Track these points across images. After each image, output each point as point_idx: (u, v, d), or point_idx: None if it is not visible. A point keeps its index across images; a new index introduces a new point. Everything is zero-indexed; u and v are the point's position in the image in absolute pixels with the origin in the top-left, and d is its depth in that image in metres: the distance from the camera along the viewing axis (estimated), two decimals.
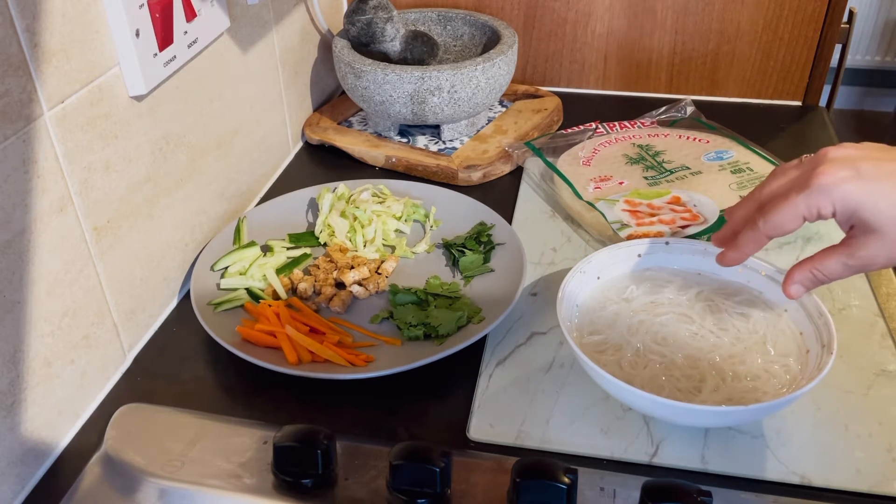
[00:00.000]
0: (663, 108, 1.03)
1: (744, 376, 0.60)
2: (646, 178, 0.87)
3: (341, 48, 0.97)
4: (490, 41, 1.04)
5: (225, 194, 0.85)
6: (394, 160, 0.97)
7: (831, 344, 0.58)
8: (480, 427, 0.62)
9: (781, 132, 1.04)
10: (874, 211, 0.53)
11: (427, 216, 0.85)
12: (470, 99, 0.94)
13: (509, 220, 0.87)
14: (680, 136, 0.95)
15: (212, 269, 0.76)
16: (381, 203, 0.84)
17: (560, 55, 1.15)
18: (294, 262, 0.79)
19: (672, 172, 0.88)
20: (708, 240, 0.74)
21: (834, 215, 0.55)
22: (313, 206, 0.87)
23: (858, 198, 0.53)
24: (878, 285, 0.75)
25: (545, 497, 0.50)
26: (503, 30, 1.00)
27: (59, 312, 0.60)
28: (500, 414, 0.63)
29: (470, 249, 0.78)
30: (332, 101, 1.11)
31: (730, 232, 0.64)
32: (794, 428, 0.60)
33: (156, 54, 0.66)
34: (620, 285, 0.69)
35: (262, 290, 0.75)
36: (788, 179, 0.58)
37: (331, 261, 0.78)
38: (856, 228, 0.55)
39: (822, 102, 1.12)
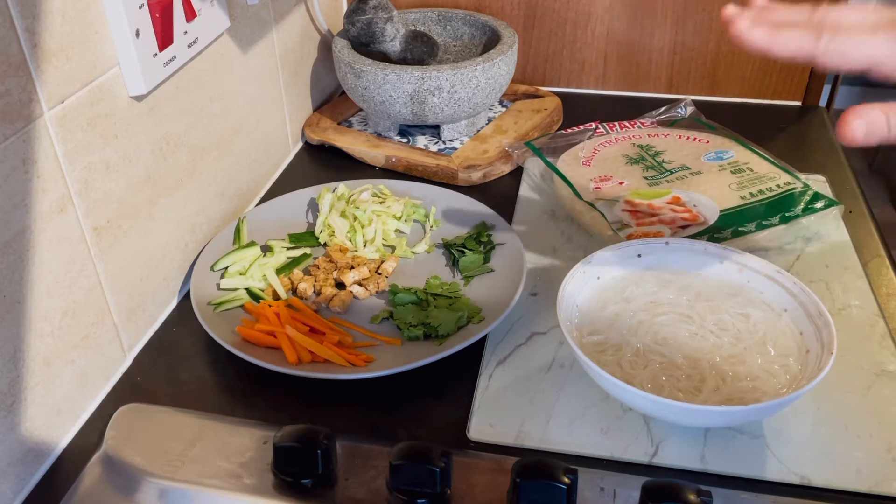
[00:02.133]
0: (663, 108, 1.03)
1: (744, 376, 0.60)
2: (646, 178, 0.87)
3: (341, 48, 0.97)
4: (490, 41, 1.04)
5: (225, 194, 0.85)
6: (394, 160, 0.97)
7: (831, 344, 0.58)
8: (480, 427, 0.62)
9: (781, 132, 1.04)
10: None
11: (427, 216, 0.85)
12: (470, 99, 0.94)
13: (509, 220, 0.87)
14: (680, 136, 0.95)
15: (212, 269, 0.76)
16: (381, 203, 0.84)
17: (560, 55, 1.15)
18: (294, 262, 0.79)
19: (672, 172, 0.88)
20: (708, 239, 0.74)
21: None
22: (313, 206, 0.87)
23: None
24: (878, 285, 0.75)
25: (545, 497, 0.50)
26: (503, 30, 1.00)
27: (59, 312, 0.60)
28: (500, 414, 0.63)
29: (470, 249, 0.78)
30: (332, 101, 1.11)
31: (762, 17, 0.49)
32: (794, 428, 0.60)
33: (156, 54, 0.66)
34: (620, 285, 0.69)
35: (262, 290, 0.75)
36: (879, 14, 0.46)
37: (331, 261, 0.78)
38: None
39: (822, 102, 1.12)
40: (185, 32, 0.71)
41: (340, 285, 0.76)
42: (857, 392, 0.63)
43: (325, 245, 0.82)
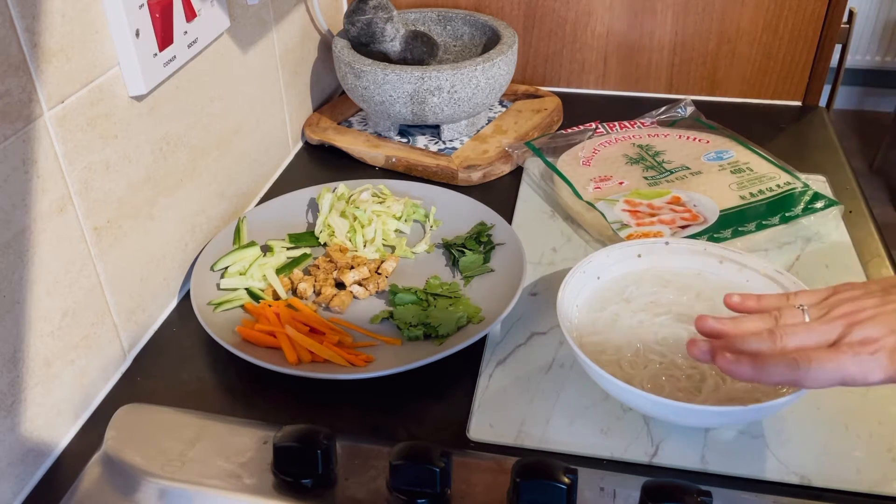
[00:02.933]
0: (663, 108, 1.03)
1: None
2: (646, 178, 0.87)
3: (341, 48, 0.97)
4: (490, 41, 1.04)
5: (225, 194, 0.85)
6: (394, 160, 0.97)
7: None
8: (480, 427, 0.62)
9: (781, 132, 1.04)
10: None
11: (427, 216, 0.85)
12: (470, 99, 0.94)
13: (509, 220, 0.87)
14: (680, 136, 0.95)
15: (212, 269, 0.76)
16: (381, 203, 0.84)
17: (560, 55, 1.15)
18: (294, 262, 0.79)
19: (672, 172, 0.88)
20: (708, 239, 0.74)
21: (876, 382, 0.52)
22: (313, 206, 0.87)
23: None
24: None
25: (545, 497, 0.50)
26: (503, 30, 1.00)
27: (59, 312, 0.60)
28: (500, 414, 0.63)
29: (470, 249, 0.78)
30: (332, 101, 1.11)
31: (736, 344, 0.54)
32: (794, 428, 0.60)
33: (156, 54, 0.66)
34: (620, 285, 0.69)
35: (262, 290, 0.75)
36: (825, 334, 0.53)
37: (331, 261, 0.78)
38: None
39: (822, 102, 1.12)
40: (185, 32, 0.71)
41: (340, 285, 0.76)
42: (857, 392, 0.63)
43: (325, 245, 0.82)
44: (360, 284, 0.75)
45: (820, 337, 0.54)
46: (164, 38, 0.67)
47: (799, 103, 1.12)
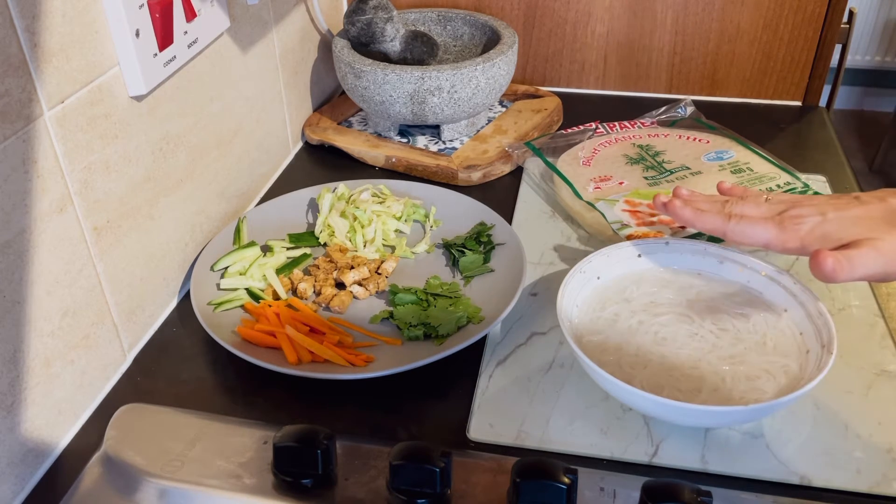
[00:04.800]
0: (663, 108, 1.03)
1: (743, 376, 0.60)
2: (646, 178, 0.87)
3: (341, 48, 0.97)
4: (490, 41, 1.04)
5: (225, 194, 0.85)
6: (394, 160, 0.97)
7: (831, 344, 0.58)
8: (480, 427, 0.62)
9: (781, 132, 1.04)
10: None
11: (427, 216, 0.85)
12: (470, 99, 0.94)
13: (509, 220, 0.87)
14: (680, 137, 0.95)
15: (212, 269, 0.76)
16: (381, 203, 0.84)
17: (560, 55, 1.15)
18: (294, 262, 0.79)
19: (672, 172, 0.88)
20: (708, 239, 0.74)
21: (796, 249, 0.62)
22: (313, 206, 0.87)
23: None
24: (878, 285, 0.75)
25: (545, 497, 0.50)
26: (503, 30, 1.00)
27: (59, 312, 0.60)
28: (499, 414, 0.63)
29: (470, 249, 0.78)
30: (332, 101, 1.11)
31: (693, 201, 0.67)
32: (794, 428, 0.60)
33: (156, 54, 0.66)
34: (620, 285, 0.69)
35: (262, 290, 0.75)
36: (767, 209, 0.63)
37: (331, 261, 0.78)
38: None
39: (822, 102, 1.12)
40: (185, 32, 0.71)
41: (340, 285, 0.76)
42: (857, 392, 0.63)
43: (325, 245, 0.82)
44: (360, 284, 0.75)
45: (762, 211, 0.63)
46: (164, 38, 0.67)
47: (799, 103, 1.12)
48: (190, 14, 0.71)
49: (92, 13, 0.60)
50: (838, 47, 1.09)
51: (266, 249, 0.80)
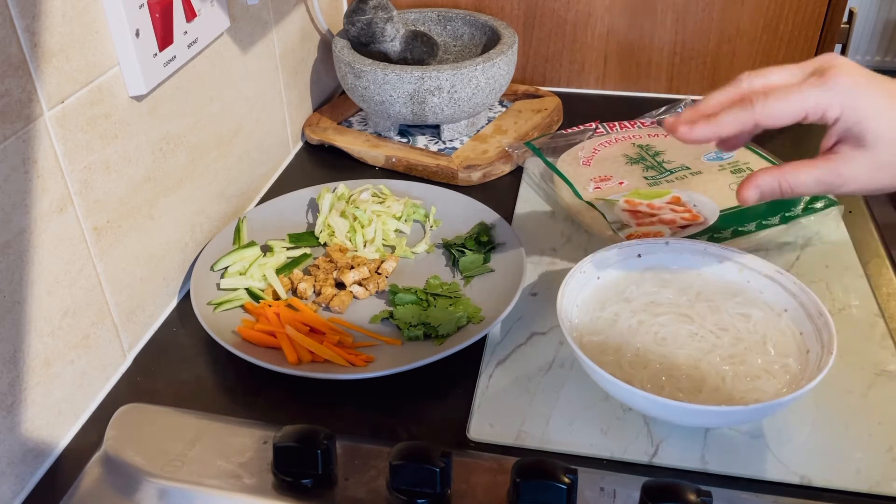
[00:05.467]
0: (663, 108, 1.03)
1: (744, 376, 0.60)
2: (646, 178, 0.87)
3: (341, 48, 0.97)
4: (490, 41, 1.04)
5: (225, 194, 0.85)
6: (394, 160, 0.97)
7: (831, 344, 0.58)
8: (480, 427, 0.62)
9: (781, 132, 1.04)
10: (877, 126, 0.52)
11: (427, 216, 0.85)
12: (470, 99, 0.94)
13: (509, 220, 0.87)
14: None
15: (212, 269, 0.76)
16: (381, 203, 0.84)
17: (560, 55, 1.15)
18: (294, 262, 0.79)
19: (672, 172, 0.88)
20: (708, 239, 0.74)
21: (833, 122, 0.53)
22: (313, 206, 0.87)
23: (868, 109, 0.52)
24: (878, 285, 0.75)
25: (545, 497, 0.50)
26: (503, 30, 1.00)
27: (59, 312, 0.60)
28: (499, 414, 0.63)
29: (470, 249, 0.78)
30: (332, 101, 1.11)
31: (698, 115, 0.57)
32: (794, 428, 0.60)
33: (156, 54, 0.66)
34: (620, 285, 0.69)
35: (262, 290, 0.75)
36: (792, 74, 0.55)
37: (331, 261, 0.78)
38: (846, 143, 0.54)
39: None
40: (185, 32, 0.71)
41: (340, 285, 0.76)
42: (857, 392, 0.63)
43: (325, 245, 0.82)
44: (360, 284, 0.75)
45: (786, 77, 0.55)
46: (164, 38, 0.67)
47: None
48: (190, 14, 0.71)
49: (92, 13, 0.60)
50: (838, 47, 1.09)
51: (266, 249, 0.80)
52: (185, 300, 0.77)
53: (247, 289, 0.75)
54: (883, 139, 0.53)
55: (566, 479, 0.50)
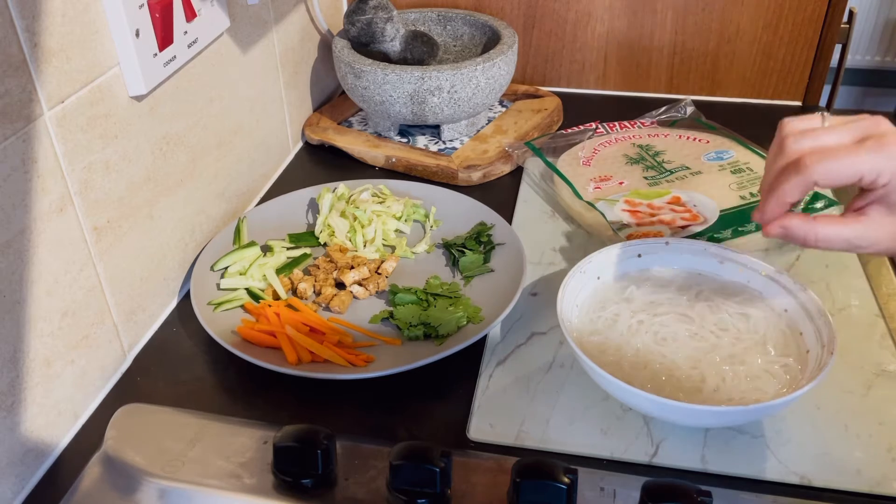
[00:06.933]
0: (663, 108, 1.03)
1: (744, 376, 0.60)
2: (646, 178, 0.87)
3: (341, 48, 0.97)
4: (490, 41, 1.04)
5: (225, 194, 0.85)
6: (394, 160, 0.97)
7: (831, 344, 0.58)
8: (480, 427, 0.62)
9: None
10: None
11: (427, 216, 0.85)
12: (470, 99, 0.94)
13: (509, 220, 0.87)
14: (680, 136, 0.95)
15: (212, 269, 0.76)
16: (381, 203, 0.84)
17: (560, 55, 1.15)
18: (294, 262, 0.79)
19: (672, 172, 0.88)
20: (708, 239, 0.74)
21: (881, 186, 0.53)
22: (313, 206, 0.87)
23: None
24: (878, 285, 0.75)
25: (545, 497, 0.50)
26: (503, 30, 1.00)
27: (59, 312, 0.60)
28: (500, 414, 0.63)
29: (470, 249, 0.78)
30: (332, 101, 1.11)
31: (765, 194, 0.58)
32: (794, 428, 0.60)
33: (156, 54, 0.66)
34: (620, 285, 0.69)
35: (262, 290, 0.75)
36: (840, 135, 0.55)
37: (331, 261, 0.78)
38: (880, 205, 0.54)
39: (822, 102, 1.12)
40: (185, 32, 0.71)
41: (340, 285, 0.76)
42: (857, 392, 0.63)
43: (325, 245, 0.82)
44: (360, 284, 0.75)
45: (835, 139, 0.54)
46: (164, 38, 0.67)
47: (799, 103, 1.11)
48: (190, 14, 0.71)
49: (92, 13, 0.60)
50: (838, 47, 1.09)
51: (266, 249, 0.80)
52: (185, 300, 0.77)
53: (247, 289, 0.75)
54: None
55: (566, 479, 0.50)
